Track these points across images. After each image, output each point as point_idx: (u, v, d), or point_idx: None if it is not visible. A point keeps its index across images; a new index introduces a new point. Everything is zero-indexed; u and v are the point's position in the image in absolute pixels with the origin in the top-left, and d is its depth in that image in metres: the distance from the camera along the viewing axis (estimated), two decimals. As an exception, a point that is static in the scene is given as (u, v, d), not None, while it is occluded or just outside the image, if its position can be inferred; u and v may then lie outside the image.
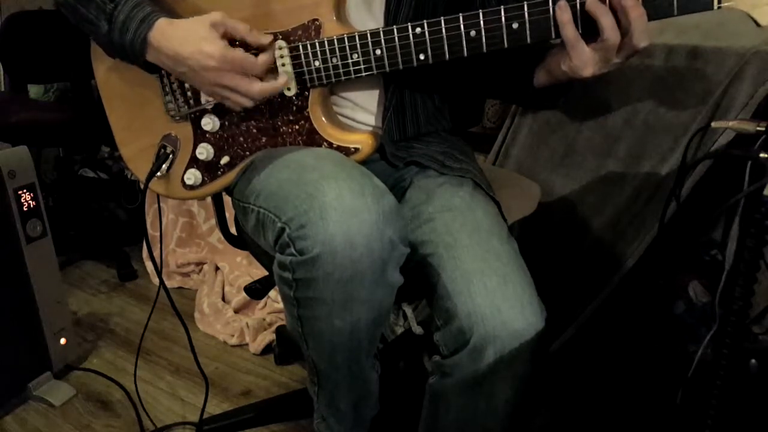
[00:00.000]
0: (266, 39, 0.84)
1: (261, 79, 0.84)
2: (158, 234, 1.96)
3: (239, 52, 0.81)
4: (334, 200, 0.71)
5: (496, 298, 0.76)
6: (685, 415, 1.04)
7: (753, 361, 0.88)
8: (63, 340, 1.46)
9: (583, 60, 0.78)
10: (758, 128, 0.80)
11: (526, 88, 0.93)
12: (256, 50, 0.85)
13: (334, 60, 0.85)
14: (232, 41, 0.83)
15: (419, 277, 0.84)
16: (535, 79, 0.92)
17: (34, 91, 2.32)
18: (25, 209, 1.33)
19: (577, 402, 1.29)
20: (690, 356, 1.07)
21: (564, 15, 0.75)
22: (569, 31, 0.76)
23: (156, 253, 1.74)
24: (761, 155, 0.75)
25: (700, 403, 0.83)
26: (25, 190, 1.33)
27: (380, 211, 0.72)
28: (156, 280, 1.98)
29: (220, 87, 0.82)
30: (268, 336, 1.60)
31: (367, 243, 0.70)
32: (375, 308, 0.77)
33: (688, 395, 1.05)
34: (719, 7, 0.73)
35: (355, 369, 0.87)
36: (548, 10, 0.76)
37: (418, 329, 1.06)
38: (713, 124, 0.89)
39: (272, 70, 0.86)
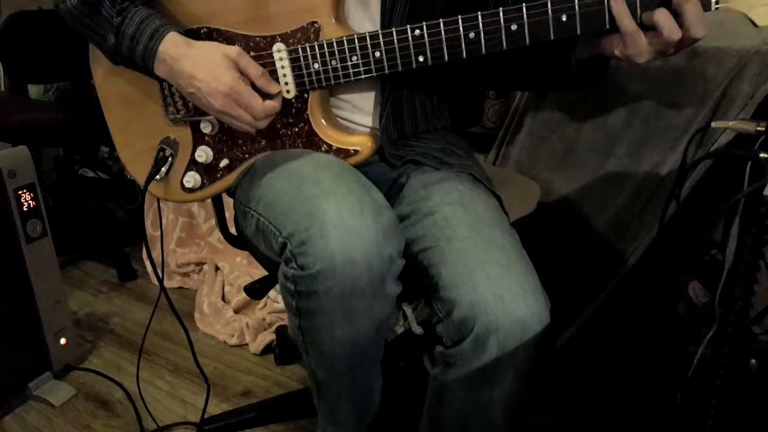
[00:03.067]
0: (275, 88, 0.84)
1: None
2: (158, 234, 1.97)
3: (249, 90, 0.81)
4: (334, 218, 0.72)
5: (498, 287, 0.76)
6: (685, 415, 1.03)
7: (753, 361, 0.87)
8: (63, 340, 1.46)
9: (639, 50, 0.75)
10: (758, 128, 0.80)
11: (564, 66, 0.89)
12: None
13: (334, 62, 0.85)
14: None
15: (419, 270, 0.84)
16: (577, 53, 0.87)
17: (34, 91, 2.32)
18: (25, 209, 1.33)
19: (577, 401, 1.29)
20: (690, 356, 1.07)
21: (620, 6, 0.73)
22: (627, 23, 0.73)
23: (156, 253, 1.75)
24: (761, 155, 0.75)
25: (700, 403, 0.82)
26: (25, 190, 1.33)
27: (379, 228, 0.73)
28: (156, 280, 1.98)
29: (225, 114, 0.83)
30: (268, 336, 1.60)
31: (366, 260, 0.72)
32: (375, 319, 0.78)
33: (688, 395, 1.05)
34: (717, 8, 0.73)
35: (357, 377, 0.87)
36: (546, 12, 0.76)
37: (418, 329, 1.06)
38: (713, 124, 0.89)
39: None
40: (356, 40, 0.83)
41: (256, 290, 1.10)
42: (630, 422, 1.20)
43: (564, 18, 0.75)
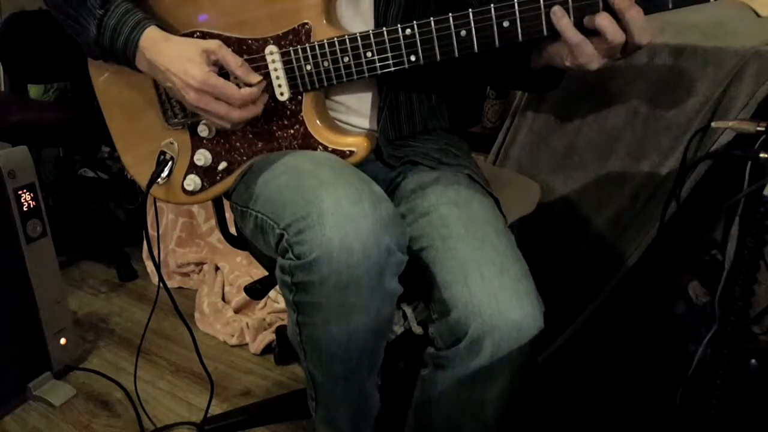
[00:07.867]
0: (255, 78, 0.84)
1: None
2: (158, 234, 1.97)
3: (221, 80, 0.82)
4: (331, 206, 0.71)
5: (493, 287, 0.76)
6: (685, 415, 1.04)
7: (753, 361, 0.88)
8: (63, 340, 1.46)
9: (589, 58, 0.76)
10: (758, 128, 0.80)
11: (523, 71, 0.90)
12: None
13: (326, 63, 0.84)
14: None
15: (416, 270, 0.83)
16: (532, 62, 0.88)
17: (34, 91, 2.31)
18: (25, 209, 1.33)
19: (576, 402, 1.29)
20: (690, 356, 1.07)
21: (562, 20, 0.74)
22: (572, 35, 0.74)
23: (156, 253, 1.74)
24: (761, 155, 0.75)
25: (700, 403, 0.83)
26: (25, 190, 1.33)
27: (377, 217, 0.72)
28: (156, 280, 1.98)
29: (200, 108, 0.84)
30: (268, 336, 1.60)
31: (363, 249, 0.71)
32: (372, 317, 0.77)
33: (688, 395, 1.05)
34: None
35: (354, 383, 0.87)
36: (539, 7, 0.75)
37: (418, 329, 1.06)
38: (713, 124, 0.89)
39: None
40: (347, 40, 0.82)
41: (256, 290, 1.09)
42: (630, 422, 1.20)
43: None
